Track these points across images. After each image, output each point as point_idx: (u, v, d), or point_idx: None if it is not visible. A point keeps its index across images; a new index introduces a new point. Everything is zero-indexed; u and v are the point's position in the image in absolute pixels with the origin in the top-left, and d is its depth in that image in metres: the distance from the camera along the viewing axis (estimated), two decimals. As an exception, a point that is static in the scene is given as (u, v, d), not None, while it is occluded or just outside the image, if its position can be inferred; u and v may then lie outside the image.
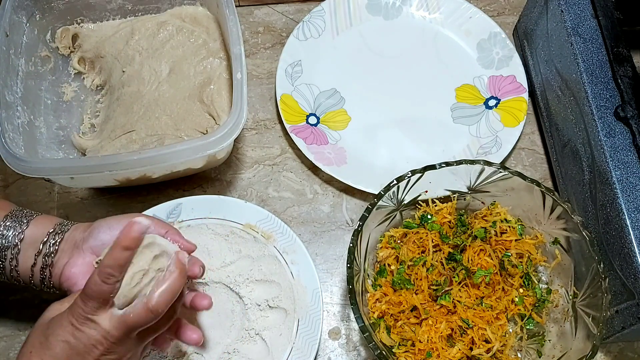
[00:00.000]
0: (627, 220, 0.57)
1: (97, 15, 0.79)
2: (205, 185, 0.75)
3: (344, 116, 0.79)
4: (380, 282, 0.63)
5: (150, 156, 0.60)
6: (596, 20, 0.67)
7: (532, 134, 0.80)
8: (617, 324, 0.59)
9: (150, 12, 0.80)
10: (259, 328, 0.63)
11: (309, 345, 0.63)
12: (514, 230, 0.64)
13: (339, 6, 0.85)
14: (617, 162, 0.59)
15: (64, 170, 0.61)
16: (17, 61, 0.70)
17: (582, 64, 0.65)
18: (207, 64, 0.77)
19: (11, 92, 0.67)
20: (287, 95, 0.78)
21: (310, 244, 0.72)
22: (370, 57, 0.84)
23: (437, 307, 0.61)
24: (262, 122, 0.80)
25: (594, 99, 0.63)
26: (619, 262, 0.58)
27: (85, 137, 0.76)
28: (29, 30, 0.73)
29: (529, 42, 0.80)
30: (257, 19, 0.87)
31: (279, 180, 0.76)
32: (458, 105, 0.80)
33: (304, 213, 0.74)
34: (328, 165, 0.73)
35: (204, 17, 0.79)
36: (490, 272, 0.61)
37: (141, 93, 0.76)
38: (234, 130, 0.61)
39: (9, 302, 0.68)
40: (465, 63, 0.83)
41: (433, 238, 0.64)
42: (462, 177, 0.64)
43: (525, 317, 0.62)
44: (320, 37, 0.84)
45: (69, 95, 0.78)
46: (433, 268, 0.63)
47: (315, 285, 0.65)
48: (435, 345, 0.59)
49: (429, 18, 0.86)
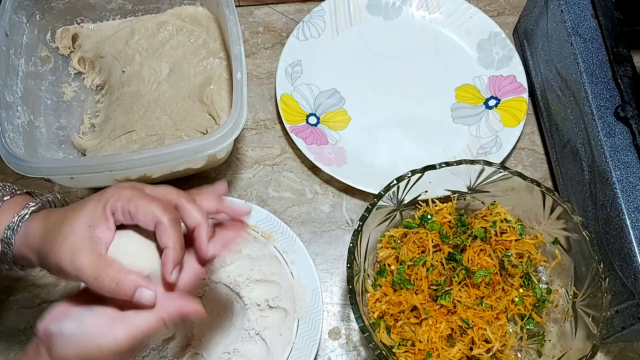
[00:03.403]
0: (627, 220, 0.57)
1: (97, 15, 0.79)
2: (205, 185, 0.75)
3: (344, 116, 0.79)
4: (380, 282, 0.63)
5: (150, 156, 0.60)
6: (596, 20, 0.67)
7: (532, 134, 0.80)
8: (617, 324, 0.59)
9: (150, 12, 0.80)
10: (259, 328, 0.63)
11: (309, 345, 0.63)
12: (514, 230, 0.64)
13: (339, 6, 0.85)
14: (617, 162, 0.59)
15: (64, 170, 0.61)
16: (17, 61, 0.70)
17: (582, 64, 0.65)
18: (207, 64, 0.77)
19: (11, 92, 0.67)
20: (287, 95, 0.79)
21: (310, 244, 0.72)
22: (370, 57, 0.84)
23: (437, 307, 0.61)
24: (262, 122, 0.80)
25: (594, 99, 0.63)
26: (619, 262, 0.58)
27: (85, 137, 0.76)
28: (29, 30, 0.73)
29: (529, 42, 0.80)
30: (257, 19, 0.87)
31: (279, 180, 0.76)
32: (458, 105, 0.80)
33: (304, 213, 0.74)
34: (328, 165, 0.73)
35: (204, 17, 0.79)
36: (490, 272, 0.61)
37: (141, 93, 0.76)
38: (234, 130, 0.61)
39: (9, 302, 0.69)
40: (465, 63, 0.83)
41: (433, 238, 0.64)
42: (462, 177, 0.64)
43: (525, 317, 0.62)
44: (320, 37, 0.84)
45: (69, 95, 0.78)
46: (433, 268, 0.63)
47: (315, 285, 0.65)
48: (435, 345, 0.59)
49: (429, 18, 0.86)
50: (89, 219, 0.45)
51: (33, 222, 0.48)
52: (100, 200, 0.45)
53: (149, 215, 0.44)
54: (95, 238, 0.44)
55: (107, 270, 0.44)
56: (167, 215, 0.44)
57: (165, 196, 0.47)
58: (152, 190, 0.47)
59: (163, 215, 0.44)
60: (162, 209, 0.45)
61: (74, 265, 0.43)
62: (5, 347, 0.66)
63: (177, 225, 0.45)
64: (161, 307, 0.45)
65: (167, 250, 0.44)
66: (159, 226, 0.44)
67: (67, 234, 0.44)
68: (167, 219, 0.44)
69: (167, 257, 0.44)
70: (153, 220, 0.44)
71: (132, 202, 0.45)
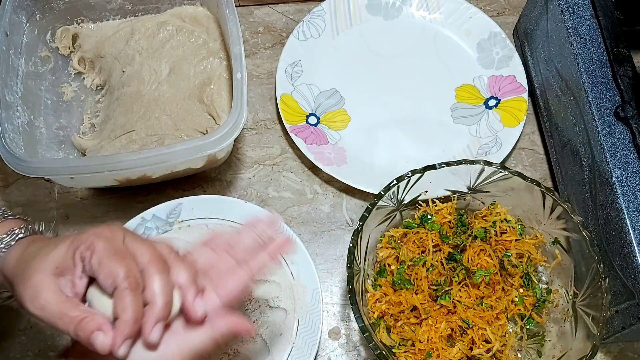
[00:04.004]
0: (627, 220, 0.57)
1: (97, 15, 0.79)
2: (205, 185, 0.75)
3: (344, 116, 0.79)
4: (380, 282, 0.63)
5: (150, 156, 0.60)
6: (596, 20, 0.67)
7: (532, 134, 0.80)
8: (617, 324, 0.59)
9: (150, 12, 0.80)
10: (259, 328, 0.63)
11: (309, 345, 0.63)
12: (514, 230, 0.64)
13: (339, 6, 0.85)
14: (617, 162, 0.59)
15: (64, 170, 0.61)
16: (17, 61, 0.70)
17: (582, 64, 0.65)
18: (207, 64, 0.77)
19: (11, 92, 0.67)
20: (287, 95, 0.78)
21: (310, 244, 0.72)
22: (370, 57, 0.84)
23: (437, 307, 0.61)
24: (262, 122, 0.80)
25: (594, 99, 0.63)
26: (619, 262, 0.58)
27: (85, 137, 0.76)
28: (29, 30, 0.73)
29: (529, 42, 0.80)
30: (257, 19, 0.87)
31: (279, 180, 0.76)
32: (458, 105, 0.80)
33: (304, 213, 0.74)
34: (328, 165, 0.73)
35: (204, 17, 0.79)
36: (490, 272, 0.61)
37: (141, 93, 0.76)
38: (234, 130, 0.61)
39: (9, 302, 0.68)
40: (465, 63, 0.83)
41: (433, 238, 0.64)
42: (462, 177, 0.64)
43: (525, 317, 0.62)
44: (320, 37, 0.84)
45: (69, 95, 0.78)
46: (433, 268, 0.63)
47: (315, 285, 0.65)
48: (435, 345, 0.59)
49: (429, 18, 0.86)
50: (58, 261, 0.42)
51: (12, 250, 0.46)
52: (72, 244, 0.42)
53: (109, 278, 0.40)
54: (63, 279, 0.41)
55: (72, 311, 0.40)
56: (127, 282, 0.40)
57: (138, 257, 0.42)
58: (131, 244, 0.43)
59: (123, 280, 0.40)
60: (125, 274, 0.40)
61: (37, 302, 0.40)
62: (5, 347, 0.66)
63: (135, 295, 0.40)
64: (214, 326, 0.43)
65: (117, 323, 0.40)
66: (116, 292, 0.40)
67: (33, 271, 0.41)
68: (125, 285, 0.40)
69: (117, 329, 0.40)
70: (112, 285, 0.40)
71: (97, 257, 0.40)
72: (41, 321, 0.41)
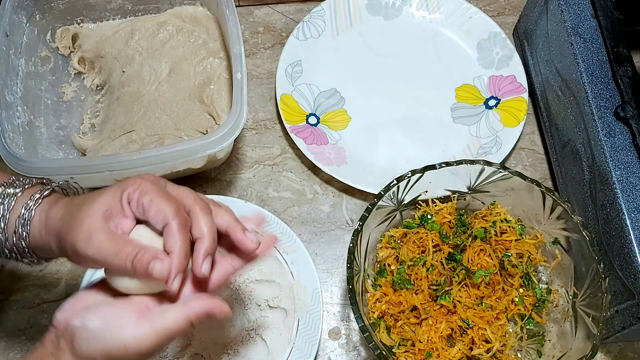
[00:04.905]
0: (627, 220, 0.57)
1: (97, 15, 0.79)
2: (205, 185, 0.75)
3: (344, 116, 0.79)
4: (380, 282, 0.63)
5: (150, 156, 0.60)
6: (596, 20, 0.67)
7: (532, 134, 0.80)
8: (617, 324, 0.59)
9: (150, 12, 0.81)
10: (259, 328, 0.63)
11: (309, 345, 0.63)
12: (514, 230, 0.64)
13: (339, 6, 0.85)
14: (617, 162, 0.59)
15: (64, 170, 0.61)
16: (17, 61, 0.70)
17: (582, 64, 0.65)
18: (207, 64, 0.77)
19: (11, 92, 0.67)
20: (287, 95, 0.79)
21: (310, 244, 0.72)
22: (370, 57, 0.84)
23: (437, 307, 0.61)
24: (262, 122, 0.80)
25: (594, 99, 0.63)
26: (619, 262, 0.58)
27: (85, 137, 0.76)
28: (29, 30, 0.73)
29: (529, 42, 0.80)
30: (257, 19, 0.87)
31: (279, 180, 0.76)
32: (458, 105, 0.80)
33: (304, 213, 0.74)
34: (328, 165, 0.73)
35: (204, 17, 0.79)
36: (490, 272, 0.61)
37: (141, 93, 0.76)
38: (234, 130, 0.61)
39: (9, 302, 0.69)
40: (465, 63, 0.83)
41: (433, 238, 0.64)
42: (462, 177, 0.64)
43: (525, 317, 0.62)
44: (320, 37, 0.84)
45: (69, 95, 0.78)
46: (433, 268, 0.63)
47: (315, 285, 0.65)
48: (435, 345, 0.59)
49: (429, 18, 0.86)
50: (106, 205, 0.44)
51: (54, 207, 0.47)
52: (119, 188, 0.44)
53: (160, 215, 0.43)
54: (111, 222, 0.43)
55: (127, 247, 0.42)
56: (178, 219, 0.43)
57: (182, 198, 0.45)
58: (172, 189, 0.46)
59: (174, 218, 0.43)
60: (175, 211, 0.43)
61: (92, 244, 0.42)
62: (5, 347, 0.66)
63: (185, 232, 0.43)
64: (188, 307, 0.44)
65: (171, 255, 0.43)
66: (167, 228, 0.43)
67: (84, 216, 0.43)
68: (176, 222, 0.43)
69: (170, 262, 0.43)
70: (163, 221, 0.43)
71: (148, 196, 0.43)
72: (95, 263, 0.43)
